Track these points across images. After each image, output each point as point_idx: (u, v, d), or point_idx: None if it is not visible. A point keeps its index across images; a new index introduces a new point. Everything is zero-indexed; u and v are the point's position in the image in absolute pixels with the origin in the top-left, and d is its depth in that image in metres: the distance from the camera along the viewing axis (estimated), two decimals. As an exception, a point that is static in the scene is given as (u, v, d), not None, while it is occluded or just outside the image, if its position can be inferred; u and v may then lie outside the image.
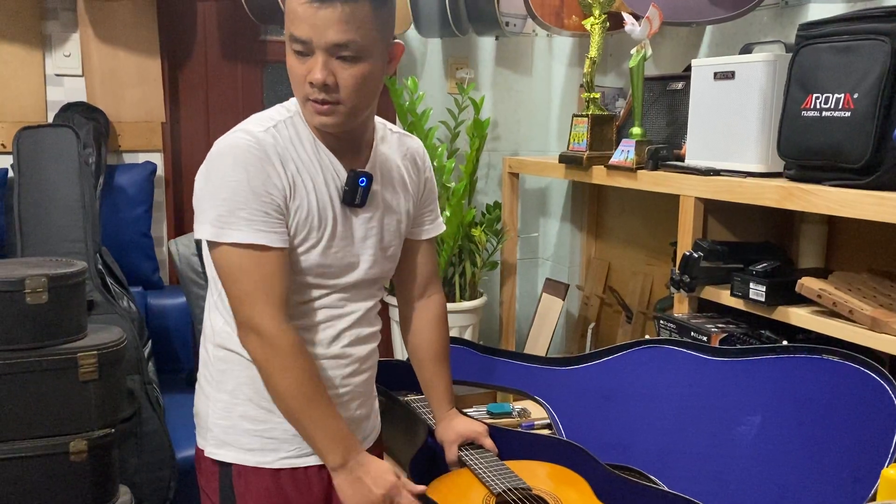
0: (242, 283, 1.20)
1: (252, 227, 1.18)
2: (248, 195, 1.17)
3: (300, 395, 1.22)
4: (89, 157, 2.37)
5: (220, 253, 1.20)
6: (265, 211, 1.18)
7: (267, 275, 1.19)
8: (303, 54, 1.16)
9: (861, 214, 1.41)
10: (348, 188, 1.26)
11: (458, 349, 1.89)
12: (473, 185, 2.80)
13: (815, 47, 1.54)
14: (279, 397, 1.24)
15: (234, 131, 1.23)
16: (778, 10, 2.01)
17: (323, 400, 1.24)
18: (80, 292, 1.80)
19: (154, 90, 2.61)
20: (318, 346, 1.30)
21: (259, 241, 1.18)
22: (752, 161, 1.73)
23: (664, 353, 1.61)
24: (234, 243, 1.18)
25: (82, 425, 1.76)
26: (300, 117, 1.26)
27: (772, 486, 1.28)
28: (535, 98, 3.00)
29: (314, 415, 1.23)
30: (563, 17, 2.50)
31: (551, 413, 1.63)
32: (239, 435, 1.29)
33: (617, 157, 2.05)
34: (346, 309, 1.32)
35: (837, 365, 1.35)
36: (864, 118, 1.43)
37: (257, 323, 1.20)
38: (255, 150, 1.19)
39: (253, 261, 1.18)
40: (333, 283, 1.29)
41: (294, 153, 1.23)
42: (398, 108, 2.63)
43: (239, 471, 1.29)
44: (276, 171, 1.20)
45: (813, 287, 1.53)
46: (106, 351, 1.78)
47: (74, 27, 2.52)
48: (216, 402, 1.31)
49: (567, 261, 2.92)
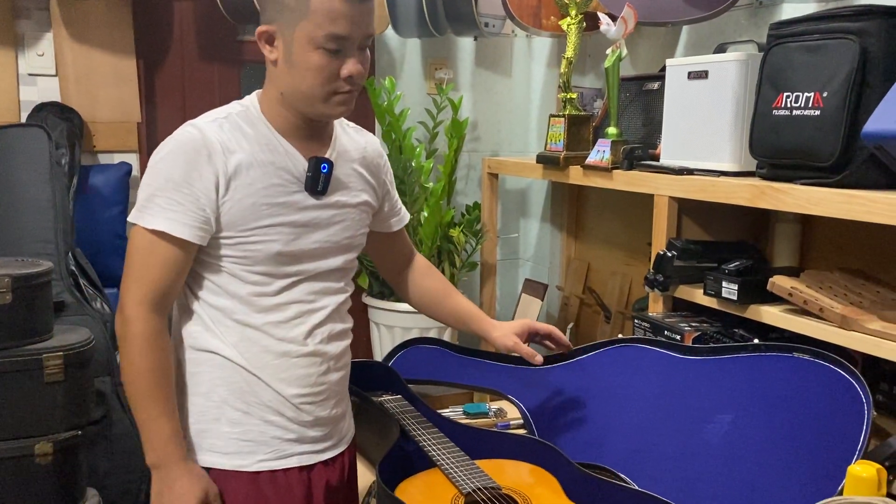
0: (133, 264, 1.23)
1: (162, 214, 1.20)
2: (167, 184, 1.20)
3: (139, 385, 1.22)
4: (62, 157, 2.34)
5: (133, 234, 1.23)
6: (178, 201, 1.20)
7: (156, 262, 1.21)
8: (335, 51, 1.19)
9: (831, 213, 1.41)
10: (311, 174, 1.28)
11: (431, 349, 1.88)
12: (453, 185, 2.79)
13: (786, 47, 1.54)
14: (124, 381, 1.25)
15: (185, 124, 1.25)
16: (752, 10, 2.02)
17: (160, 396, 1.22)
18: (46, 293, 1.78)
19: (129, 90, 2.59)
20: (293, 344, 1.29)
21: (162, 228, 1.20)
22: (726, 160, 1.73)
23: (637, 351, 1.61)
24: (144, 227, 1.21)
25: (48, 427, 1.74)
26: (256, 110, 1.28)
27: (742, 486, 1.28)
28: (514, 99, 3.00)
29: (145, 408, 1.22)
30: (541, 18, 2.50)
31: (524, 412, 1.62)
32: (215, 438, 1.28)
33: (593, 157, 2.05)
34: (316, 304, 1.32)
35: (808, 363, 1.36)
36: (834, 117, 1.44)
37: (125, 302, 1.22)
38: (191, 142, 1.22)
39: (151, 245, 1.21)
40: (299, 271, 1.29)
41: (243, 143, 1.24)
42: (376, 108, 2.62)
43: (216, 475, 1.28)
44: (210, 163, 1.21)
45: (784, 286, 1.53)
46: (72, 352, 1.76)
47: (48, 26, 2.49)
48: (190, 406, 1.29)
49: (547, 261, 2.92)
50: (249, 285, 1.26)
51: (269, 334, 1.28)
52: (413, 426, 1.52)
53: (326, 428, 1.36)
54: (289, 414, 1.30)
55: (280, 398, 1.29)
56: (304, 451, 1.33)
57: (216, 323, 1.28)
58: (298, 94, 1.23)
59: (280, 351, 1.28)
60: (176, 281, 1.24)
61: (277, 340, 1.28)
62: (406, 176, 2.56)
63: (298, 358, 1.30)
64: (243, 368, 1.27)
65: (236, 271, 1.26)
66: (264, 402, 1.29)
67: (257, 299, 1.27)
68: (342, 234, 1.34)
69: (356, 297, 2.76)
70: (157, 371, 1.22)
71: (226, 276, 1.26)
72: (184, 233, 1.20)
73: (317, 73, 1.20)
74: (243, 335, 1.27)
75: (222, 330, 1.27)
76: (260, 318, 1.27)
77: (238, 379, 1.28)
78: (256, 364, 1.28)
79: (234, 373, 1.28)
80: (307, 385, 1.31)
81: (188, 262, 1.24)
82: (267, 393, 1.29)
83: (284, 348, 1.28)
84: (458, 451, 1.44)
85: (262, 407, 1.28)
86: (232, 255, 1.25)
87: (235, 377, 1.28)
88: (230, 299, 1.27)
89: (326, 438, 1.36)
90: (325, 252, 1.32)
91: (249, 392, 1.28)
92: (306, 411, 1.32)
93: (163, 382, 1.23)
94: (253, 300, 1.27)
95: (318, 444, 1.35)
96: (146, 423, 1.22)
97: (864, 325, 1.38)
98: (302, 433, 1.32)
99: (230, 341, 1.27)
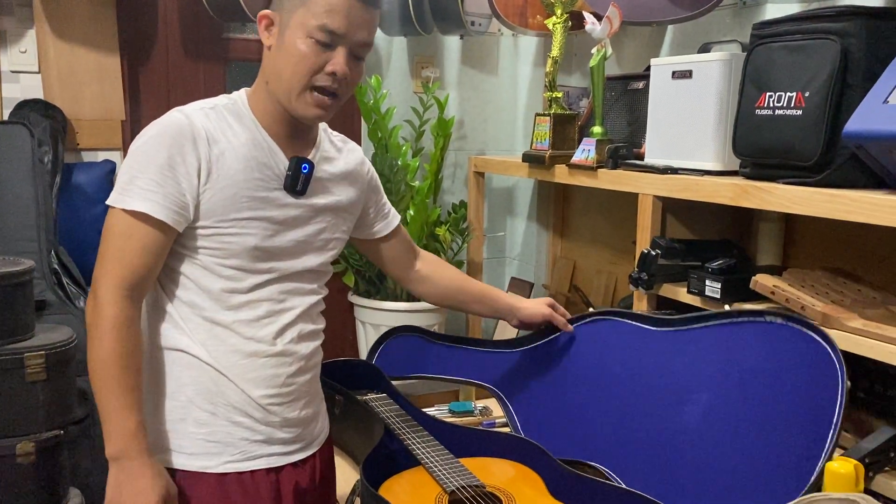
0: (109, 247, 1.19)
1: (142, 195, 1.18)
2: (149, 167, 1.18)
3: (106, 373, 1.17)
4: (45, 155, 2.32)
5: (109, 216, 1.20)
6: (159, 183, 1.18)
7: (133, 244, 1.18)
8: (325, 45, 1.20)
9: (813, 212, 1.42)
10: (290, 173, 1.27)
11: (411, 339, 1.88)
12: (439, 184, 2.79)
13: (769, 46, 1.55)
14: (89, 369, 1.20)
15: (171, 111, 1.24)
16: (736, 11, 2.03)
17: (126, 386, 1.18)
18: (27, 291, 1.76)
19: (113, 87, 2.57)
20: (262, 343, 1.28)
21: (142, 209, 1.18)
22: (709, 159, 1.74)
23: (611, 326, 1.61)
24: (123, 209, 1.19)
25: (30, 427, 1.73)
26: (244, 105, 1.28)
27: (721, 472, 1.28)
28: (500, 97, 3.00)
29: (110, 397, 1.17)
30: (528, 17, 2.51)
31: (506, 404, 1.63)
32: (181, 439, 1.26)
33: (578, 156, 2.06)
34: (287, 304, 1.31)
35: (780, 328, 1.34)
36: (815, 116, 1.45)
37: (97, 286, 1.19)
38: (176, 126, 1.20)
39: (129, 228, 1.18)
40: (272, 269, 1.28)
41: (228, 134, 1.24)
42: (362, 107, 2.61)
43: (182, 476, 1.26)
44: (194, 149, 1.20)
45: (767, 284, 1.54)
46: (54, 351, 1.74)
47: (30, 23, 2.47)
48: (155, 405, 1.27)
49: (533, 260, 2.93)
50: (222, 280, 1.25)
51: (238, 333, 1.26)
52: (398, 425, 1.52)
53: (296, 430, 1.34)
54: (256, 415, 1.28)
55: (247, 398, 1.27)
56: (272, 453, 1.31)
57: (185, 320, 1.26)
58: (281, 81, 1.23)
59: (248, 351, 1.27)
60: (153, 266, 1.21)
61: (246, 339, 1.27)
62: (392, 174, 2.56)
63: (267, 358, 1.28)
64: (211, 367, 1.26)
65: (210, 264, 1.25)
66: (231, 403, 1.27)
67: (228, 296, 1.25)
68: (317, 235, 1.34)
69: (342, 296, 2.77)
70: (126, 358, 1.18)
71: (199, 270, 1.25)
72: (164, 215, 1.19)
73: (301, 61, 1.20)
74: (212, 333, 1.26)
75: (191, 327, 1.26)
76: (230, 315, 1.26)
77: (205, 379, 1.26)
78: (224, 363, 1.26)
79: (201, 372, 1.26)
80: (275, 386, 1.29)
81: (166, 248, 1.22)
82: (234, 393, 1.27)
83: (253, 348, 1.27)
84: (442, 449, 1.44)
85: (228, 408, 1.27)
86: (207, 247, 1.24)
87: (203, 377, 1.26)
88: (200, 294, 1.25)
89: (296, 440, 1.34)
90: (300, 251, 1.32)
91: (217, 392, 1.26)
92: (274, 412, 1.30)
93: (131, 371, 1.19)
94: (224, 296, 1.25)
95: (287, 445, 1.33)
96: (110, 414, 1.18)
97: (845, 323, 1.39)
98: (270, 434, 1.30)
99: (198, 339, 1.25)
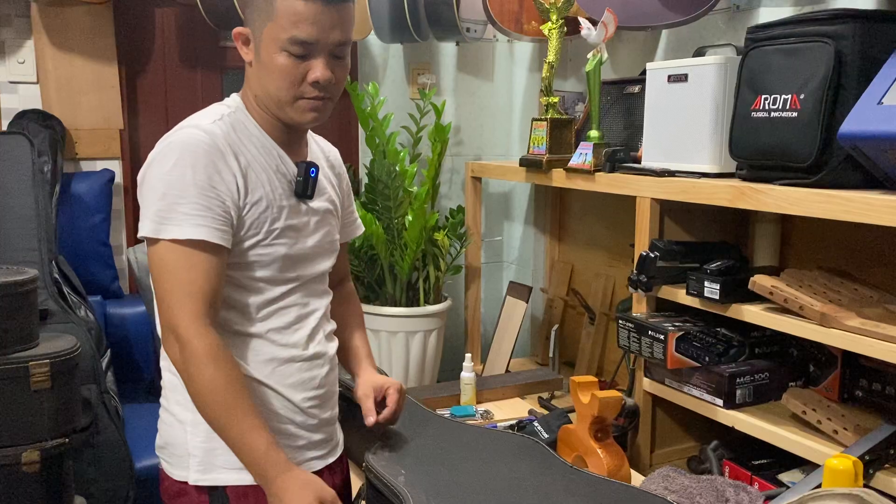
0: (170, 282, 1.14)
1: (191, 221, 1.13)
2: (191, 189, 1.13)
3: (218, 404, 1.13)
4: (44, 164, 2.33)
5: (156, 250, 1.14)
6: (207, 206, 1.14)
7: (198, 273, 1.13)
8: (300, 56, 1.17)
9: (809, 212, 1.44)
10: (301, 179, 1.26)
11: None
12: (436, 189, 2.80)
13: (763, 50, 1.57)
14: (198, 406, 1.16)
15: (182, 127, 1.20)
16: (730, 15, 2.05)
17: (244, 409, 1.14)
18: (32, 300, 1.76)
19: (111, 97, 2.58)
20: (296, 348, 1.27)
21: (198, 237, 1.13)
22: (706, 162, 1.76)
23: None
24: (173, 240, 1.13)
25: (35, 435, 1.72)
26: (244, 112, 1.25)
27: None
28: (497, 103, 3.02)
29: (232, 428, 1.14)
30: (523, 23, 2.52)
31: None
32: (227, 454, 1.19)
33: (575, 160, 2.07)
34: (311, 307, 1.31)
35: None
36: (811, 118, 1.46)
37: (176, 324, 1.13)
38: (203, 144, 1.16)
39: (187, 258, 1.13)
40: (298, 276, 1.28)
41: (247, 145, 1.22)
42: (360, 113, 2.62)
43: (237, 492, 1.22)
44: (226, 164, 1.17)
45: (765, 284, 1.56)
46: (59, 359, 1.74)
47: (28, 34, 2.48)
48: (193, 424, 1.22)
49: (531, 264, 2.94)
50: (251, 293, 1.23)
51: (273, 341, 1.25)
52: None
53: (327, 431, 1.34)
54: (297, 419, 1.28)
55: (289, 404, 1.26)
56: (312, 458, 1.31)
57: None
58: (268, 96, 1.21)
59: (285, 357, 1.26)
60: (221, 288, 1.17)
61: (281, 346, 1.26)
62: (390, 180, 2.57)
63: (302, 362, 1.28)
64: (251, 378, 1.23)
65: (239, 279, 1.22)
66: (275, 411, 1.25)
67: (257, 307, 1.24)
68: (326, 237, 1.34)
69: (342, 302, 2.77)
70: (233, 383, 1.14)
71: (227, 287, 1.21)
72: (219, 237, 1.14)
73: (281, 76, 1.17)
74: (246, 345, 1.24)
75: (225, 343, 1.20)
76: (261, 325, 1.24)
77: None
78: (263, 373, 1.24)
79: None
80: (312, 388, 1.29)
81: (226, 267, 1.18)
82: (277, 400, 1.26)
83: (289, 353, 1.26)
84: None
85: (272, 415, 1.25)
86: (238, 263, 1.21)
87: None
88: (230, 311, 1.22)
89: (328, 443, 1.35)
90: (316, 255, 1.32)
91: (259, 402, 1.23)
92: (314, 415, 1.30)
93: (242, 394, 1.15)
94: (253, 309, 1.24)
95: (321, 449, 1.33)
96: (238, 442, 1.14)
97: (843, 322, 1.40)
98: (308, 438, 1.30)
99: (235, 354, 1.21)
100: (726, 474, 1.67)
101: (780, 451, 1.56)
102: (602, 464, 1.54)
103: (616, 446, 1.59)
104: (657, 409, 1.91)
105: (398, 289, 2.64)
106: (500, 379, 2.32)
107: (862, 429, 1.45)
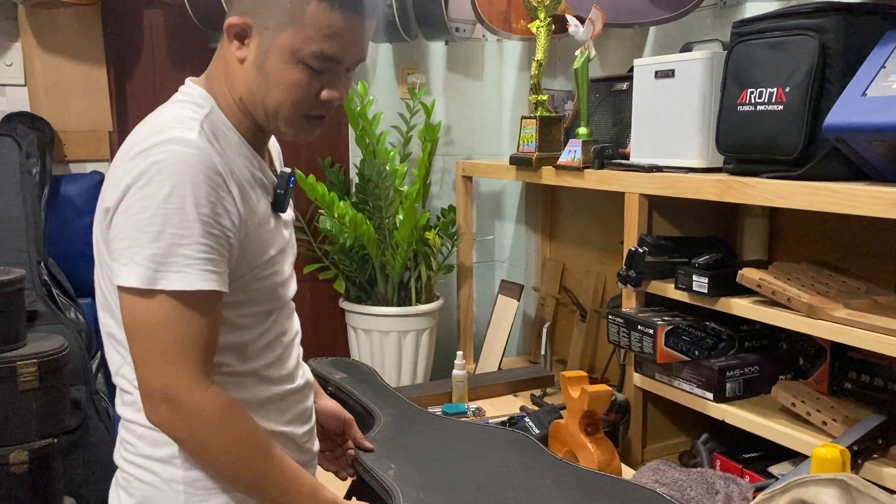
0: (161, 341, 0.93)
1: (197, 267, 0.92)
2: (191, 227, 0.92)
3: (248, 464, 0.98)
4: (33, 167, 2.32)
5: (147, 304, 0.92)
6: (213, 246, 0.94)
7: (199, 328, 0.94)
8: (319, 71, 1.00)
9: (795, 205, 1.44)
10: (283, 192, 1.08)
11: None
12: (427, 188, 2.81)
13: (749, 44, 1.58)
14: (224, 468, 0.99)
15: (160, 141, 0.95)
16: (717, 10, 2.06)
17: (274, 459, 1.01)
18: (19, 300, 1.76)
19: (100, 99, 2.57)
20: (289, 382, 1.13)
21: (207, 287, 0.93)
22: (693, 156, 1.77)
23: None
24: (174, 291, 0.91)
25: (23, 435, 1.72)
26: (218, 114, 1.04)
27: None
28: (486, 102, 3.03)
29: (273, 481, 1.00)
30: (511, 22, 2.53)
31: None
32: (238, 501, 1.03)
33: (564, 157, 2.08)
34: (289, 333, 1.16)
35: None
36: (796, 111, 1.47)
37: (173, 391, 0.93)
38: (203, 165, 0.94)
39: (186, 312, 0.92)
40: (281, 305, 1.12)
41: (230, 159, 1.01)
42: (349, 113, 2.63)
43: None
44: (227, 190, 0.97)
45: (753, 277, 1.56)
46: (47, 359, 1.74)
47: (16, 36, 2.47)
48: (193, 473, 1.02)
49: (523, 262, 2.94)
50: (243, 332, 1.06)
51: (266, 377, 1.10)
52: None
53: (314, 465, 1.24)
54: (295, 455, 1.13)
55: (291, 442, 1.14)
56: None
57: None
58: (261, 106, 1.02)
59: (281, 392, 1.12)
60: (217, 336, 0.99)
61: (274, 382, 1.11)
62: (381, 180, 2.57)
63: (295, 395, 1.15)
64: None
65: (233, 319, 1.03)
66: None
67: (251, 345, 1.07)
68: (294, 253, 1.18)
69: (333, 303, 2.78)
70: (254, 436, 0.99)
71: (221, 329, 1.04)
72: (222, 285, 0.95)
73: (290, 91, 1.00)
74: (242, 387, 1.06)
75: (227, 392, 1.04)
76: (254, 363, 1.08)
77: None
78: (265, 412, 1.09)
79: None
80: (307, 419, 1.18)
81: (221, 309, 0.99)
82: (281, 438, 1.11)
83: (283, 388, 1.12)
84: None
85: None
86: (233, 301, 1.02)
87: None
88: (222, 354, 1.03)
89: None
90: (292, 275, 1.17)
91: None
92: (307, 450, 1.19)
93: (265, 442, 1.01)
94: (247, 347, 1.07)
95: None
96: (281, 488, 1.01)
97: (830, 314, 1.41)
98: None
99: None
100: (717, 467, 1.68)
101: (771, 444, 1.56)
102: (592, 458, 1.54)
103: (606, 441, 1.59)
104: (648, 404, 1.91)
105: (390, 288, 2.64)
106: (492, 376, 2.32)
107: (851, 420, 1.45)
